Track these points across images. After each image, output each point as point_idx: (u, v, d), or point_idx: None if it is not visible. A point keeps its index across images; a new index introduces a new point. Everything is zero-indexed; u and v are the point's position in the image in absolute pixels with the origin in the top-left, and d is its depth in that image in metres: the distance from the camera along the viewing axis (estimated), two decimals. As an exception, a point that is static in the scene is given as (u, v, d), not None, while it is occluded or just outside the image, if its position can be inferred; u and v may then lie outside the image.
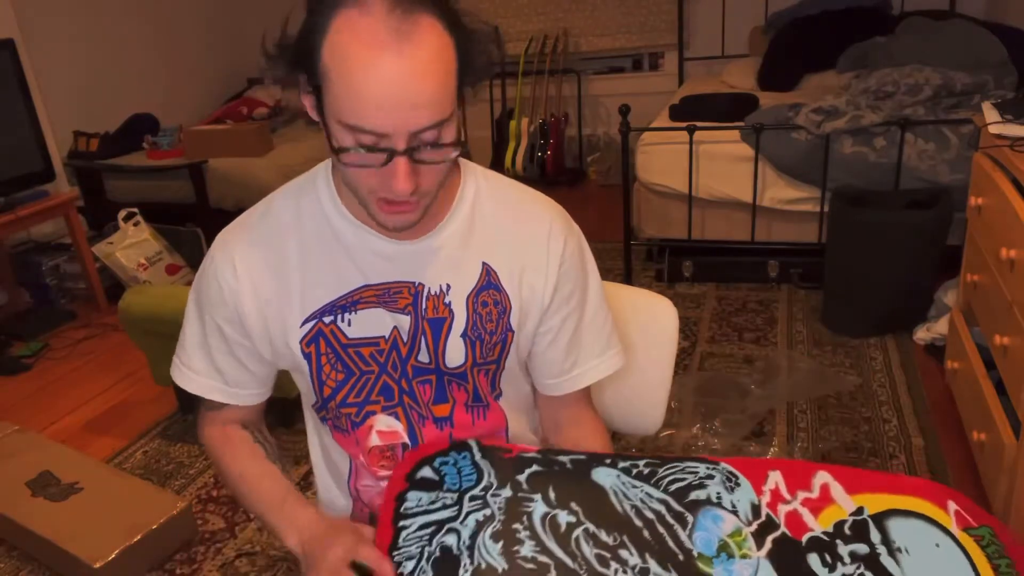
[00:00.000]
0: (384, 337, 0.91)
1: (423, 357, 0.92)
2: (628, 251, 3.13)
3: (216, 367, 0.95)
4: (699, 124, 2.85)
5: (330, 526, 0.87)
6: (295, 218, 0.91)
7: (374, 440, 0.94)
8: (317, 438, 1.05)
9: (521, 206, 0.95)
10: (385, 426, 0.94)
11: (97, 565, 1.69)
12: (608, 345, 1.01)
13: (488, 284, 0.92)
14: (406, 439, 0.94)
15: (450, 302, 0.91)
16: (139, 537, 1.77)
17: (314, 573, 0.82)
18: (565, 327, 0.97)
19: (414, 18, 0.71)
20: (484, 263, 0.92)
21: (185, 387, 0.97)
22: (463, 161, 0.95)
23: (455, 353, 0.92)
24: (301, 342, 0.91)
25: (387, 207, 0.80)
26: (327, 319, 0.90)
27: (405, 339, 0.91)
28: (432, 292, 0.90)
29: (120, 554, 1.72)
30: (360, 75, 0.71)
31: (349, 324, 0.90)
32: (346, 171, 0.78)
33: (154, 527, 1.80)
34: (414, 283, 0.90)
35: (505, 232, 0.93)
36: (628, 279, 3.14)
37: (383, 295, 0.90)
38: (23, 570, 1.87)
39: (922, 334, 2.50)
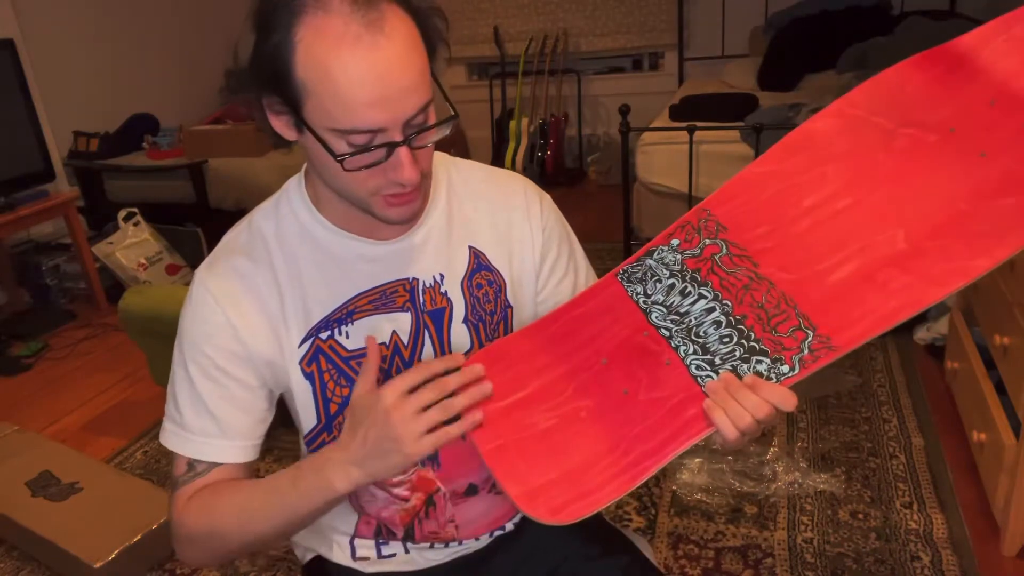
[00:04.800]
0: (384, 344, 0.89)
1: (427, 356, 0.91)
2: (628, 251, 3.12)
3: (211, 415, 0.86)
4: (699, 124, 2.84)
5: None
6: (277, 235, 0.88)
7: None
8: None
9: (491, 184, 0.97)
10: None
11: (97, 565, 1.69)
12: None
13: (479, 267, 0.93)
14: None
15: (446, 291, 0.91)
16: (139, 537, 1.77)
17: (376, 430, 0.76)
18: (562, 288, 0.98)
19: (378, 8, 0.70)
20: (471, 247, 0.93)
21: (182, 451, 0.87)
22: None
23: (460, 340, 0.92)
24: (301, 363, 0.88)
25: (393, 201, 0.79)
26: (324, 335, 0.88)
27: (406, 341, 0.90)
28: (427, 285, 0.90)
29: (120, 554, 1.72)
30: (344, 78, 0.69)
31: (347, 336, 0.88)
32: (344, 178, 0.77)
33: (154, 527, 1.79)
34: (408, 279, 0.89)
35: (484, 212, 0.94)
36: (628, 279, 3.14)
37: (379, 299, 0.88)
38: (23, 570, 1.87)
39: (922, 334, 2.50)
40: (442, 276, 0.91)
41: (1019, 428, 1.55)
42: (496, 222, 0.94)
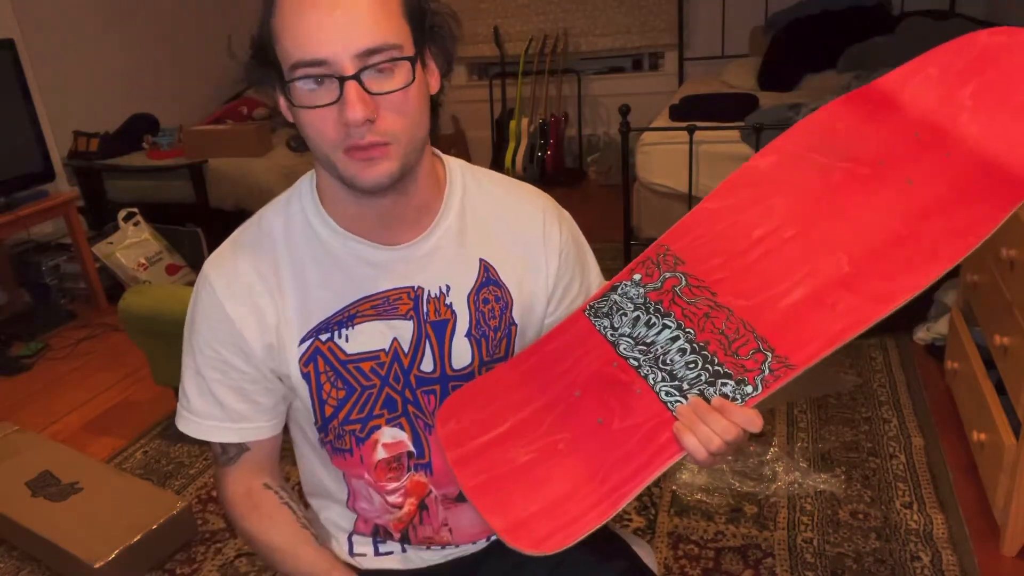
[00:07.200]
0: (384, 350, 0.88)
1: (426, 366, 0.90)
2: (628, 251, 3.12)
3: (216, 400, 0.89)
4: (699, 124, 2.84)
5: None
6: (285, 233, 0.88)
7: (380, 454, 0.91)
8: (308, 465, 1.00)
9: (510, 198, 0.95)
10: (390, 438, 0.91)
11: (97, 565, 1.69)
12: None
13: (488, 281, 0.91)
14: (411, 447, 0.92)
15: (451, 303, 0.89)
16: (139, 537, 1.77)
17: None
18: (572, 311, 0.96)
19: None
20: (482, 259, 0.91)
21: (190, 433, 0.92)
22: (445, 157, 0.93)
23: (461, 354, 0.90)
24: (299, 362, 0.87)
25: (355, 157, 0.75)
26: (323, 336, 0.87)
27: (406, 349, 0.89)
28: (432, 295, 0.88)
29: (120, 554, 1.72)
30: (298, 9, 0.72)
31: (347, 340, 0.87)
32: (311, 130, 0.76)
33: (154, 527, 1.80)
34: (413, 287, 0.88)
35: (499, 226, 0.92)
36: (628, 279, 3.13)
37: (381, 305, 0.87)
38: (23, 570, 1.87)
39: (922, 334, 2.50)
40: (448, 287, 0.89)
41: (1019, 428, 1.55)
42: (511, 240, 0.92)
